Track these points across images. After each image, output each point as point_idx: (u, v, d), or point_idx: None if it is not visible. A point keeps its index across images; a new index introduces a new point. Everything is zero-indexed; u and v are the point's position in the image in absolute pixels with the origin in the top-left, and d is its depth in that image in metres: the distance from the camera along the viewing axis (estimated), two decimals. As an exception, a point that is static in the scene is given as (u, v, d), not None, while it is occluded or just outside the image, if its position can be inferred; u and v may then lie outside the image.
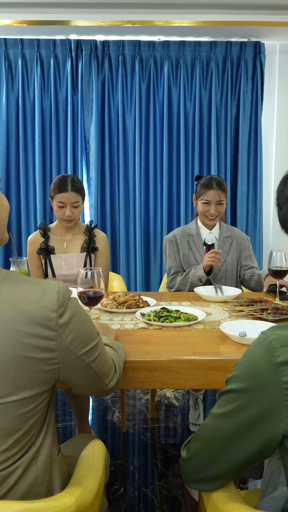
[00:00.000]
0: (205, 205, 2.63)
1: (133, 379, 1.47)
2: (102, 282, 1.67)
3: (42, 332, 0.95)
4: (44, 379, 0.98)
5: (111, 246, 4.26)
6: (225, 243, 2.71)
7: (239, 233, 2.79)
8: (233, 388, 0.93)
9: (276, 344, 0.87)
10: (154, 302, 2.12)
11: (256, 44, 4.10)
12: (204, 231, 2.71)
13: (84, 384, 1.11)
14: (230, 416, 0.93)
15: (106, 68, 4.09)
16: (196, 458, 1.02)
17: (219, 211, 2.65)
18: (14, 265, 2.10)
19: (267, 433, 0.88)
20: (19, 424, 0.97)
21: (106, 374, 1.15)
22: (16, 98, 4.11)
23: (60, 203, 2.48)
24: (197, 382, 1.49)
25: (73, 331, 1.00)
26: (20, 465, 0.99)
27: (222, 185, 2.65)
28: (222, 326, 1.69)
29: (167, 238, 2.77)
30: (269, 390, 0.86)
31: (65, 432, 2.75)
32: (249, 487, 2.25)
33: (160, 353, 1.51)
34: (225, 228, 2.76)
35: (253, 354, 0.91)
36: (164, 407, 3.04)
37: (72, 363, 1.02)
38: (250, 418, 0.89)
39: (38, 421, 1.02)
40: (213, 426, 0.97)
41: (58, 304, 0.97)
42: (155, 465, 2.41)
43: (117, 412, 2.97)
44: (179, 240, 2.72)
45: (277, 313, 1.88)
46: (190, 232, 2.73)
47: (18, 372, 0.94)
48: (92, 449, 1.24)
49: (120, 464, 2.41)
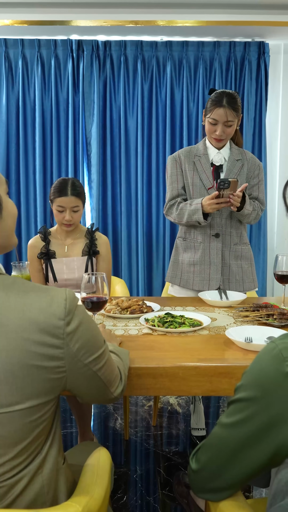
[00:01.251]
0: (212, 124, 2.42)
1: (138, 385, 1.47)
2: (105, 287, 1.69)
3: (50, 340, 0.96)
4: (51, 387, 0.99)
5: (113, 249, 4.27)
6: (234, 166, 2.51)
7: (251, 157, 2.59)
8: (241, 397, 0.93)
9: (286, 354, 0.87)
10: (158, 307, 2.13)
11: (260, 44, 4.12)
12: (212, 151, 2.52)
13: (90, 393, 1.12)
14: (239, 426, 0.93)
15: (107, 69, 4.11)
16: (205, 469, 1.03)
17: (227, 133, 2.43)
18: (16, 270, 2.11)
19: (277, 442, 0.89)
20: (25, 433, 0.97)
21: (112, 382, 1.16)
22: (16, 99, 4.13)
23: (60, 207, 2.50)
24: (203, 389, 1.50)
25: (80, 339, 1.01)
26: (26, 474, 1.00)
27: (234, 102, 2.39)
28: (228, 331, 1.70)
29: (170, 157, 2.61)
30: (278, 399, 0.87)
31: (66, 439, 2.76)
32: (254, 495, 2.25)
33: (164, 360, 1.51)
34: (236, 150, 2.56)
35: (262, 363, 0.91)
36: (168, 414, 3.04)
37: (79, 371, 1.03)
38: (259, 428, 0.90)
39: (44, 430, 1.03)
40: (222, 436, 0.98)
41: (65, 312, 0.98)
42: (158, 473, 2.41)
43: (119, 419, 2.98)
44: (183, 160, 2.55)
45: (283, 319, 1.89)
46: (197, 153, 2.55)
47: (25, 380, 0.94)
48: (97, 457, 1.25)
49: (123, 472, 2.42)
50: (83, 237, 2.64)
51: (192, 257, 2.58)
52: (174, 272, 2.66)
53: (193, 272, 2.58)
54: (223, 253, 2.55)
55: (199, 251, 2.56)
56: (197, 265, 2.57)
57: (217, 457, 0.99)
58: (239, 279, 2.58)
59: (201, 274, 2.55)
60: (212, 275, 2.54)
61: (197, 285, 2.55)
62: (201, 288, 2.53)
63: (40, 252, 2.58)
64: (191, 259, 2.59)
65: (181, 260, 2.64)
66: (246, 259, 2.62)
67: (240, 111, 2.46)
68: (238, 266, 2.59)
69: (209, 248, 2.55)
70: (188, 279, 2.59)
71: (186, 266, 2.61)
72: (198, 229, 2.55)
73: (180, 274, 2.63)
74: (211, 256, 2.54)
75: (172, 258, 2.71)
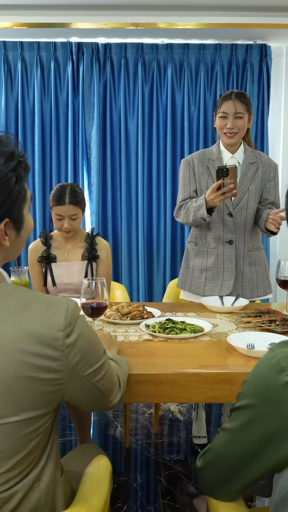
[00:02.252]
0: (222, 119, 2.43)
1: (138, 392, 1.48)
2: (105, 292, 1.69)
3: (48, 352, 0.94)
4: (48, 400, 0.98)
5: (113, 254, 4.28)
6: (249, 169, 2.51)
7: (267, 160, 2.58)
8: (241, 404, 0.95)
9: (285, 363, 0.88)
10: (159, 313, 2.13)
11: (262, 47, 4.14)
12: (226, 155, 2.52)
13: (88, 402, 1.11)
14: (241, 432, 0.94)
15: (108, 71, 4.13)
16: (209, 469, 1.04)
17: (238, 126, 2.42)
18: (14, 275, 2.11)
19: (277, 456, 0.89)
20: (21, 445, 0.96)
21: (111, 390, 1.16)
22: (15, 102, 4.15)
23: (58, 215, 2.50)
24: (204, 396, 1.50)
25: (80, 351, 0.99)
26: (22, 488, 0.99)
27: (242, 96, 2.42)
28: (229, 338, 1.70)
29: (184, 160, 2.60)
30: (278, 410, 0.88)
31: (66, 447, 2.75)
32: (256, 505, 2.25)
33: (165, 366, 1.52)
34: (250, 153, 2.55)
35: (261, 372, 0.92)
36: (169, 422, 3.04)
37: (77, 383, 1.02)
38: (260, 436, 0.91)
39: (41, 442, 1.01)
40: (226, 440, 1.00)
41: (66, 323, 0.97)
42: (159, 482, 2.41)
43: (119, 426, 2.98)
44: (196, 163, 2.54)
45: (286, 325, 1.89)
46: (210, 156, 2.54)
47: (21, 393, 0.93)
48: (96, 465, 1.25)
49: (123, 480, 2.42)
50: (83, 241, 2.65)
51: (204, 262, 2.57)
52: (185, 277, 2.66)
53: (205, 278, 2.56)
54: (237, 260, 2.54)
55: (212, 257, 2.55)
56: (209, 271, 2.55)
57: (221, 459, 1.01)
58: (254, 285, 2.57)
59: (213, 280, 2.54)
60: (225, 281, 2.52)
61: (208, 291, 2.54)
62: (212, 294, 2.51)
63: (41, 255, 2.58)
64: (202, 264, 2.58)
65: (192, 265, 2.63)
66: (261, 265, 2.61)
67: (250, 109, 2.47)
68: (252, 272, 2.58)
69: (223, 255, 2.53)
70: (199, 284, 2.57)
71: (197, 272, 2.60)
72: (211, 235, 2.55)
73: (190, 280, 2.62)
74: (225, 263, 2.53)
75: (183, 264, 2.71)
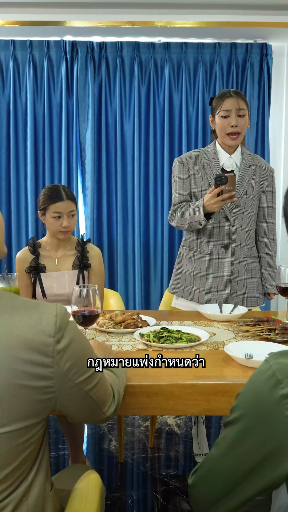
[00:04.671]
0: (224, 118, 2.40)
1: (131, 404, 1.47)
2: (98, 300, 1.68)
3: (38, 358, 0.95)
4: (39, 409, 0.98)
5: (108, 261, 4.27)
6: (247, 172, 2.51)
7: (264, 164, 2.59)
8: (234, 419, 0.92)
9: (280, 375, 0.85)
10: (154, 322, 2.12)
11: (263, 46, 4.16)
12: (223, 156, 2.50)
13: (81, 413, 1.11)
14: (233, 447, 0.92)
15: (103, 71, 4.14)
16: (201, 486, 1.02)
17: (241, 125, 2.41)
18: (4, 282, 2.11)
19: (272, 475, 0.87)
20: (11, 457, 0.96)
21: (105, 401, 1.16)
22: (7, 102, 4.15)
23: (56, 213, 2.48)
24: (200, 408, 1.50)
25: (71, 357, 1.00)
26: (10, 502, 0.99)
27: (241, 94, 2.44)
28: (227, 347, 1.69)
29: (178, 159, 2.59)
30: (272, 427, 0.85)
31: (58, 462, 2.74)
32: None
33: (160, 377, 1.51)
34: (248, 155, 2.55)
35: (255, 384, 0.90)
36: (165, 435, 3.03)
37: (69, 391, 1.02)
38: (253, 453, 0.88)
39: (31, 454, 1.01)
40: (217, 455, 0.97)
41: (56, 328, 0.97)
42: (155, 498, 2.40)
43: (114, 440, 2.96)
44: (192, 164, 2.52)
45: (286, 333, 1.89)
46: (206, 156, 2.52)
47: (12, 401, 0.93)
48: (86, 481, 1.25)
49: (117, 497, 2.40)
50: (74, 249, 2.63)
51: (198, 268, 2.57)
52: (177, 282, 2.65)
53: (199, 284, 2.56)
54: (232, 266, 2.54)
55: (206, 263, 2.54)
56: (203, 278, 2.55)
57: (213, 476, 0.98)
58: (248, 293, 2.57)
59: (208, 287, 2.53)
60: (220, 288, 2.52)
61: (202, 299, 2.53)
62: (206, 302, 2.51)
63: (29, 266, 2.56)
64: (196, 270, 2.57)
65: (185, 270, 2.62)
66: (256, 273, 2.62)
67: (248, 107, 2.48)
68: (247, 280, 2.58)
69: (218, 260, 2.52)
70: (193, 291, 2.57)
71: (190, 278, 2.59)
72: (206, 240, 2.54)
73: (183, 285, 2.61)
74: (220, 269, 2.52)
75: (175, 268, 2.69)
